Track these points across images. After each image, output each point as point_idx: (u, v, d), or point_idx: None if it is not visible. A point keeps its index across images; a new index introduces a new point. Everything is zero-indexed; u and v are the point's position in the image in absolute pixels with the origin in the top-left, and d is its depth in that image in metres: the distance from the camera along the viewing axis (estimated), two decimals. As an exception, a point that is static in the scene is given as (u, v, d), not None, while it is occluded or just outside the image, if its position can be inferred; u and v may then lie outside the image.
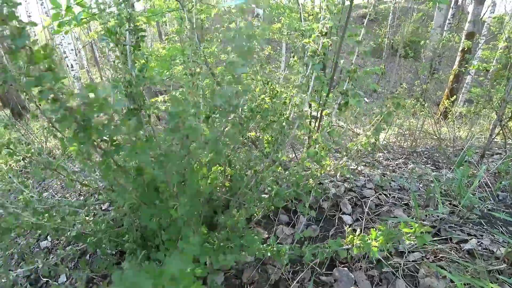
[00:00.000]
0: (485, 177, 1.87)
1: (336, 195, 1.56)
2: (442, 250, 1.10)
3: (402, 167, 2.60)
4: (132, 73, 0.93)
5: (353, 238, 0.76)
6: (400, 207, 1.44)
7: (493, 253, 1.07)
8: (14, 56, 0.63)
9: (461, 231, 1.21)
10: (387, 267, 1.01)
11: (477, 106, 4.96)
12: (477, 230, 1.23)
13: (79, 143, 0.77)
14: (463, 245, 1.12)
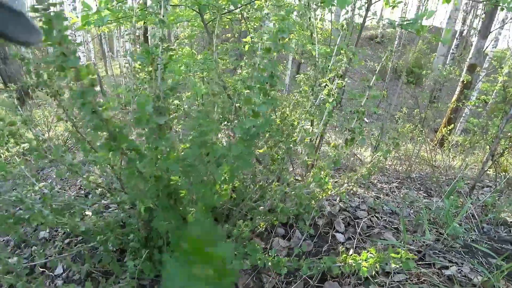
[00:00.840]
0: (472, 209, 1.98)
1: (331, 213, 1.66)
2: (425, 274, 1.19)
3: (395, 192, 2.70)
4: (160, 89, 1.03)
5: (346, 257, 0.85)
6: (390, 231, 1.54)
7: (470, 280, 1.17)
8: (64, 73, 0.73)
9: (444, 258, 1.31)
10: (374, 285, 1.10)
11: (473, 137, 5.11)
12: (458, 258, 1.33)
13: (109, 150, 0.87)
14: (444, 271, 1.21)
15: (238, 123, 0.81)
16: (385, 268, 1.23)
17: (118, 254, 1.63)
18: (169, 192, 1.10)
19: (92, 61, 14.26)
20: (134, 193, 1.17)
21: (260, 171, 1.30)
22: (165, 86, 1.02)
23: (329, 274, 1.15)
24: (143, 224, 1.47)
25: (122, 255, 1.62)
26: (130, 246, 1.47)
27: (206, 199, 0.92)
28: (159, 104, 1.03)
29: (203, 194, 0.94)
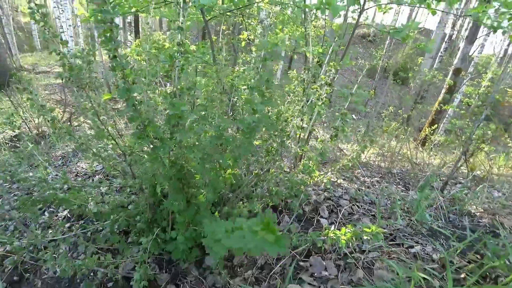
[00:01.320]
0: (441, 201, 2.23)
1: (317, 201, 1.87)
2: (395, 252, 1.42)
3: (376, 185, 2.95)
4: (177, 87, 1.20)
5: (328, 232, 1.05)
6: (368, 217, 1.76)
7: (431, 258, 1.41)
8: (115, 74, 0.89)
9: (411, 240, 1.54)
10: (351, 259, 1.31)
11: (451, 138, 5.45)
12: (424, 240, 1.56)
13: (138, 138, 1.04)
14: (411, 249, 1.44)
15: (238, 118, 0.99)
16: (362, 246, 1.46)
17: (122, 235, 1.77)
18: (179, 177, 1.28)
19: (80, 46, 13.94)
20: (147, 176, 1.34)
21: (256, 160, 1.48)
22: (180, 85, 1.18)
23: (314, 250, 1.36)
24: (149, 207, 1.63)
25: (126, 236, 1.77)
26: (137, 227, 1.62)
27: (215, 182, 1.10)
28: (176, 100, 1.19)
29: (213, 178, 1.12)
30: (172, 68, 1.14)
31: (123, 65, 0.88)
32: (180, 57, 1.18)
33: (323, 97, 1.09)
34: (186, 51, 1.22)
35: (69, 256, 1.73)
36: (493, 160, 5.09)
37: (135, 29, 10.74)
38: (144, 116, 1.01)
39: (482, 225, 2.22)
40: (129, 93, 0.92)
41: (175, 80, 1.18)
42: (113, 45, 0.84)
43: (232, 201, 1.52)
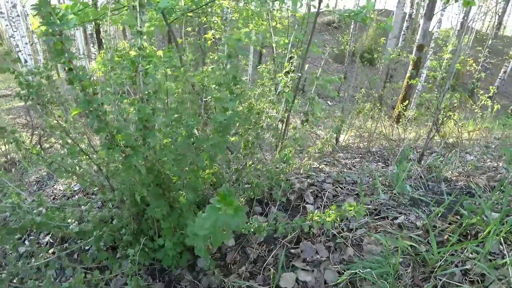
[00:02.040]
0: (419, 171, 2.33)
1: (301, 188, 1.89)
2: (381, 226, 1.47)
3: (356, 165, 3.04)
4: (143, 92, 1.17)
5: (313, 216, 1.07)
6: (352, 196, 1.81)
7: (415, 225, 1.47)
8: (73, 87, 0.86)
9: (395, 211, 1.60)
10: (340, 239, 1.35)
11: (423, 111, 5.69)
12: (407, 211, 1.63)
13: (109, 149, 1.01)
14: (396, 221, 1.50)
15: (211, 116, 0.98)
16: (349, 225, 1.50)
17: (110, 251, 1.72)
18: (158, 182, 1.25)
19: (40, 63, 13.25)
20: (126, 187, 1.31)
21: (235, 157, 1.48)
22: (146, 90, 1.16)
23: (303, 236, 1.38)
24: (133, 218, 1.59)
25: (113, 252, 1.71)
26: (124, 240, 1.57)
27: (194, 182, 1.09)
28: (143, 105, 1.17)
29: (190, 179, 1.10)
30: (136, 73, 1.11)
31: (80, 77, 0.84)
32: (142, 61, 1.15)
33: (289, 84, 1.10)
34: (148, 55, 1.20)
35: (57, 281, 1.66)
36: (463, 126, 5.38)
37: (98, 40, 10.36)
38: (112, 125, 0.98)
39: (459, 188, 2.35)
40: (91, 104, 0.89)
41: (140, 86, 1.15)
42: (66, 57, 0.80)
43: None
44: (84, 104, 0.89)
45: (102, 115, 0.99)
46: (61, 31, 0.78)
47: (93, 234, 1.53)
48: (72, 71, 0.83)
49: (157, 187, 1.24)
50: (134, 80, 1.13)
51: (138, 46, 1.15)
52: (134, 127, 1.18)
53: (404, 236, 1.31)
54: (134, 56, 1.05)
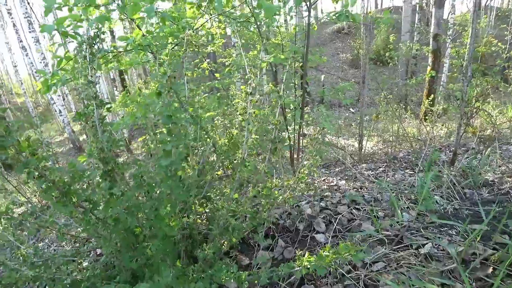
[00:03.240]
0: (451, 177, 2.00)
1: (311, 215, 1.67)
2: (403, 258, 1.21)
3: (381, 177, 2.72)
4: (102, 141, 1.07)
5: (302, 261, 0.87)
6: (369, 220, 1.55)
7: (447, 254, 1.19)
8: (5, 151, 0.78)
9: (421, 236, 1.33)
10: (349, 280, 1.11)
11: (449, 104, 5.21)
12: (436, 233, 1.35)
13: (62, 206, 0.91)
14: (421, 250, 1.23)
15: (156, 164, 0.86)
16: (364, 259, 1.25)
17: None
18: (132, 231, 1.13)
19: (73, 111, 14.34)
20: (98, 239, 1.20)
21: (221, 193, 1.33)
22: (105, 139, 1.06)
23: (306, 278, 1.16)
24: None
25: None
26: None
27: (162, 231, 0.95)
28: (104, 155, 1.07)
29: (158, 228, 0.97)
30: (89, 124, 1.02)
31: (10, 141, 0.76)
32: (96, 111, 1.07)
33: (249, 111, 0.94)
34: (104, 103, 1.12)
35: None
36: (500, 113, 4.80)
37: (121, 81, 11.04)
38: (62, 182, 0.89)
39: (505, 193, 1.97)
40: (29, 166, 0.81)
41: (96, 135, 1.06)
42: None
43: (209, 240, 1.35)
44: (21, 168, 0.81)
45: (50, 174, 0.90)
46: None
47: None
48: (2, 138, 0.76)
49: (130, 237, 1.12)
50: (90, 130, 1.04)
51: (91, 96, 1.07)
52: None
53: (433, 272, 1.05)
54: (82, 109, 0.97)
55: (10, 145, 0.81)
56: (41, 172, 0.90)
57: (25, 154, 0.83)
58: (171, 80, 0.87)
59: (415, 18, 10.38)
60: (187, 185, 0.91)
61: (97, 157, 1.06)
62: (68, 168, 0.86)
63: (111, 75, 11.55)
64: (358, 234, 1.40)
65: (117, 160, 1.09)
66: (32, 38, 8.44)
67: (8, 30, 13.06)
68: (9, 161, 0.82)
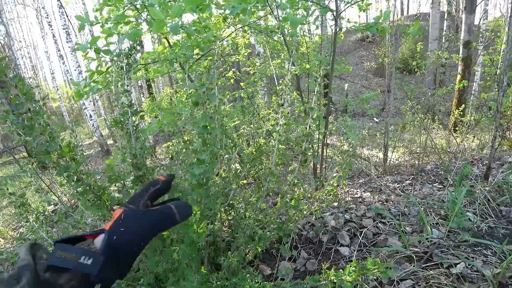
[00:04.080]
0: (485, 193, 1.89)
1: (335, 228, 1.64)
2: (433, 277, 1.15)
3: (408, 190, 2.62)
4: (136, 148, 1.13)
5: (328, 275, 0.86)
6: (396, 235, 1.50)
7: (482, 276, 1.12)
8: (48, 156, 0.84)
9: (452, 255, 1.26)
10: (376, 297, 1.07)
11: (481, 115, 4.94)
12: (469, 252, 1.27)
13: (96, 209, 0.96)
14: (453, 269, 1.17)
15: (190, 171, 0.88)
16: (392, 276, 1.21)
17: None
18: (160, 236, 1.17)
19: (103, 116, 15.09)
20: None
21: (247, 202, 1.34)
22: (138, 146, 1.11)
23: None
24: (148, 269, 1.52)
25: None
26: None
27: (189, 237, 0.98)
28: (136, 161, 1.12)
29: (184, 233, 0.99)
30: (123, 131, 1.08)
31: (53, 147, 0.83)
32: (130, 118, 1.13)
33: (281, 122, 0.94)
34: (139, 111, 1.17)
35: None
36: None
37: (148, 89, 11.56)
38: (97, 186, 0.94)
39: (546, 211, 1.83)
40: (69, 170, 0.86)
41: (130, 142, 1.11)
42: (36, 132, 0.81)
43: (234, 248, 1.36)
44: (61, 171, 0.87)
45: (86, 178, 0.96)
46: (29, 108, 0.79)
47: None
48: (47, 143, 0.83)
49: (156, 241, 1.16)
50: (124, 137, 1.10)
51: (127, 104, 1.13)
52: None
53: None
54: (117, 116, 1.03)
55: (53, 150, 0.87)
56: (79, 176, 0.96)
57: (66, 158, 0.89)
58: (208, 92, 0.91)
59: (443, 25, 10.03)
60: (214, 193, 0.93)
61: (130, 162, 1.11)
62: (106, 170, 0.91)
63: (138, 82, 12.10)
64: (385, 250, 1.35)
65: (148, 166, 1.14)
66: (69, 48, 9.01)
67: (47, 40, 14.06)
68: (52, 165, 0.88)
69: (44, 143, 0.90)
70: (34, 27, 17.23)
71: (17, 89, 0.85)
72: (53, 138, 0.89)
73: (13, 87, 0.83)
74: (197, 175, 0.85)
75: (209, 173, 0.85)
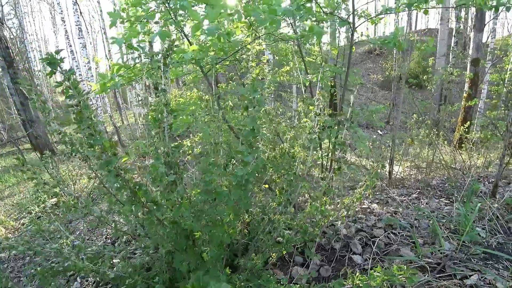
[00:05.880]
0: (494, 210, 1.93)
1: (347, 236, 1.68)
2: (447, 287, 1.19)
3: (415, 203, 2.66)
4: (168, 146, 1.18)
5: (354, 279, 0.90)
6: (408, 246, 1.54)
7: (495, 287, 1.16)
8: (93, 150, 0.89)
9: (465, 267, 1.30)
10: (393, 304, 1.11)
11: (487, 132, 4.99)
12: (481, 265, 1.31)
13: (131, 205, 1.01)
14: (466, 281, 1.20)
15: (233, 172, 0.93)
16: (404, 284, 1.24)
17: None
18: (186, 234, 1.21)
19: (108, 113, 15.20)
20: (155, 238, 1.29)
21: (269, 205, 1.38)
22: (171, 145, 1.16)
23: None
24: (167, 266, 1.55)
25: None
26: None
27: (217, 238, 1.02)
28: (169, 159, 1.17)
29: (214, 234, 1.04)
30: (160, 129, 1.13)
31: (98, 141, 0.88)
32: (166, 117, 1.18)
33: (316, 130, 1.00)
34: (174, 110, 1.23)
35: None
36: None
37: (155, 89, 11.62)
38: (133, 183, 0.99)
39: (553, 231, 1.87)
40: (110, 165, 0.91)
41: (165, 140, 1.17)
42: (85, 125, 0.85)
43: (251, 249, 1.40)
44: (103, 165, 0.92)
45: (124, 173, 1.01)
46: (80, 101, 0.83)
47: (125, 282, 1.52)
48: (92, 136, 0.87)
49: (182, 240, 1.19)
50: (159, 135, 1.15)
51: (163, 103, 1.19)
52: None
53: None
54: (156, 114, 1.08)
55: (97, 144, 0.92)
56: (118, 171, 1.00)
57: (108, 153, 0.94)
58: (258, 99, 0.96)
59: (451, 41, 10.14)
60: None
61: (162, 161, 1.16)
62: (151, 170, 0.96)
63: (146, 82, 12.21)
64: (398, 259, 1.39)
65: (180, 165, 1.19)
66: (80, 44, 9.14)
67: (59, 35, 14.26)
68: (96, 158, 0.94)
69: (89, 136, 0.95)
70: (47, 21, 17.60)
71: (70, 83, 0.91)
72: (99, 132, 0.94)
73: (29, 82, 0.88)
74: (240, 176, 0.89)
75: (252, 175, 0.90)
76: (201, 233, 1.00)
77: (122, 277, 1.57)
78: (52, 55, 0.83)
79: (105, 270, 1.53)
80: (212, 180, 0.90)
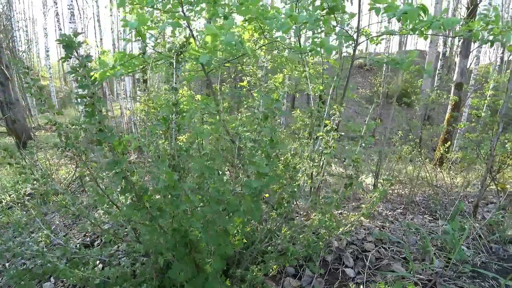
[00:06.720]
0: (478, 229, 2.02)
1: (339, 248, 1.70)
2: (438, 304, 1.22)
3: (400, 218, 2.73)
4: (175, 149, 1.15)
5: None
6: (399, 261, 1.57)
7: (483, 308, 1.20)
8: (101, 148, 0.85)
9: (455, 285, 1.34)
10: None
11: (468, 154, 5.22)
12: (469, 284, 1.36)
13: (135, 209, 0.97)
14: (456, 299, 1.24)
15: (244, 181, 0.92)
16: (398, 300, 1.27)
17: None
18: (185, 242, 1.18)
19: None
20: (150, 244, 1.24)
21: (268, 215, 1.38)
22: (178, 147, 1.14)
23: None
24: (156, 273, 1.50)
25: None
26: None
27: (222, 249, 1.00)
28: (174, 162, 1.14)
29: (219, 245, 1.01)
30: (168, 130, 1.10)
31: (109, 138, 0.84)
32: (175, 118, 1.15)
33: (331, 144, 1.01)
34: (183, 111, 1.20)
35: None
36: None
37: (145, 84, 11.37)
38: (140, 187, 0.95)
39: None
40: (119, 165, 0.87)
41: (172, 142, 1.14)
42: (96, 119, 0.81)
43: (246, 260, 1.38)
44: (112, 165, 0.88)
45: (131, 175, 0.97)
46: (93, 93, 0.80)
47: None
48: (102, 131, 0.84)
49: (184, 247, 1.16)
50: (167, 136, 1.12)
51: (172, 102, 1.16)
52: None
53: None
54: (167, 114, 1.05)
55: (106, 141, 0.89)
56: (124, 173, 0.96)
57: (115, 152, 0.90)
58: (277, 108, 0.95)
59: (437, 64, 10.61)
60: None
61: (166, 163, 1.13)
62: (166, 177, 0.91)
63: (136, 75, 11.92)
64: (390, 274, 1.42)
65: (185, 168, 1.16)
66: (71, 29, 8.82)
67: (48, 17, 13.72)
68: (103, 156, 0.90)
69: (99, 132, 0.90)
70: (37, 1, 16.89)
71: (85, 71, 0.86)
72: (110, 129, 0.90)
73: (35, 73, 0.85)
74: (254, 188, 0.88)
75: (266, 187, 0.89)
76: (206, 245, 0.98)
77: (107, 283, 1.50)
78: (70, 37, 0.78)
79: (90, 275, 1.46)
80: (225, 190, 0.88)
